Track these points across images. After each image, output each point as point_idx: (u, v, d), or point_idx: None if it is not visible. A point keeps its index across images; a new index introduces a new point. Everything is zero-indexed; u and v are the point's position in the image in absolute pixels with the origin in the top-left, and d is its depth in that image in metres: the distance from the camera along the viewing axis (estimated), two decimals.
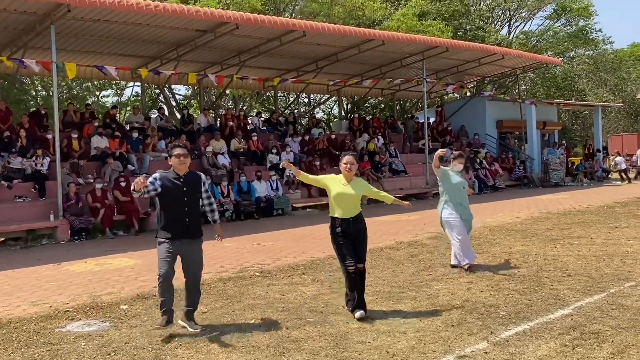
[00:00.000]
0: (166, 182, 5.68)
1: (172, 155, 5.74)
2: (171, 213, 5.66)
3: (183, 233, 5.66)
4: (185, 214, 5.66)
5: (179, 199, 5.66)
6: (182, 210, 5.66)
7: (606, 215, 13.32)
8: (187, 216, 5.66)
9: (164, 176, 5.74)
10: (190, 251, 5.73)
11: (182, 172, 5.72)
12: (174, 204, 5.66)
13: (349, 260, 5.94)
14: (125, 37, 16.05)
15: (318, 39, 17.69)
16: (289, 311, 6.33)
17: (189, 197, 5.70)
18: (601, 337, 5.02)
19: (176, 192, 5.65)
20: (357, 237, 6.06)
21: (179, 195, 5.66)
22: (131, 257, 10.43)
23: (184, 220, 5.65)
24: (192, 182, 5.77)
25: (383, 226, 12.91)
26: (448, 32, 30.86)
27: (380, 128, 23.66)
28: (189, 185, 5.73)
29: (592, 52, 42.47)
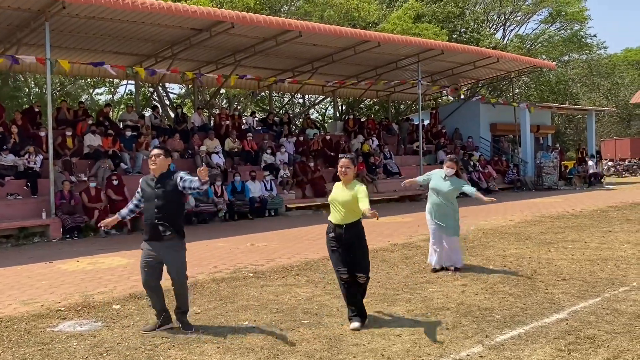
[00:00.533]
0: (144, 184, 5.73)
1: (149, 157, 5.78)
2: (145, 215, 5.69)
3: (154, 235, 5.59)
4: (154, 216, 5.57)
5: (151, 200, 5.62)
6: (152, 212, 5.59)
7: (599, 220, 13.35)
8: (156, 217, 5.55)
9: (144, 179, 5.81)
10: (167, 253, 5.63)
11: (156, 173, 5.66)
12: (147, 205, 5.66)
13: (341, 267, 5.74)
14: (121, 35, 15.96)
15: (314, 40, 17.66)
16: (283, 313, 6.29)
17: (160, 198, 5.57)
18: (596, 342, 5.01)
19: (149, 194, 5.64)
20: (350, 245, 5.74)
21: (151, 197, 5.62)
22: (123, 256, 10.35)
23: (153, 222, 5.58)
24: (165, 183, 5.62)
25: (377, 228, 12.88)
26: (443, 35, 30.93)
27: (375, 129, 23.65)
28: (161, 187, 5.60)
29: (586, 56, 42.67)
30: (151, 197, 5.61)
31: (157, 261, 5.64)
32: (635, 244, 9.89)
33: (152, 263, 5.64)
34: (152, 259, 5.63)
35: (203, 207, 14.89)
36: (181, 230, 5.71)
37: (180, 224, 5.72)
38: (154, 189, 5.62)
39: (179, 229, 5.66)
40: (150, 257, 5.62)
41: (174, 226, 5.60)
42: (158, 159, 5.65)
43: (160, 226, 5.56)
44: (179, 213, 5.77)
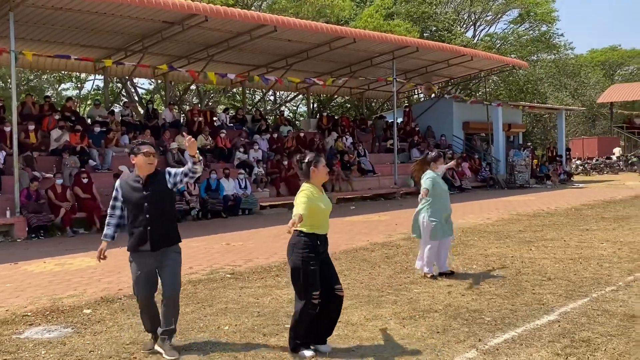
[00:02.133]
0: (126, 187, 4.95)
1: (140, 152, 4.87)
2: (134, 221, 4.91)
3: (150, 243, 4.88)
4: (146, 222, 4.86)
5: (139, 205, 4.88)
6: (143, 218, 4.86)
7: (575, 218, 13.38)
8: (148, 224, 4.85)
9: (124, 182, 5.00)
10: (162, 262, 4.95)
11: (145, 173, 4.91)
12: (136, 211, 4.90)
13: (317, 291, 4.80)
14: (89, 27, 15.44)
15: (289, 35, 17.38)
16: (265, 316, 6.02)
17: (150, 201, 4.87)
18: (592, 345, 4.86)
19: (136, 198, 4.89)
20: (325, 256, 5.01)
21: (139, 201, 4.88)
22: (93, 256, 9.80)
23: (145, 230, 4.86)
24: (155, 183, 4.91)
25: (354, 226, 12.68)
26: (415, 32, 30.95)
27: (349, 127, 23.47)
28: (150, 189, 4.89)
29: (554, 56, 43.29)
30: (139, 202, 4.87)
31: (153, 272, 4.97)
32: (614, 242, 9.88)
33: (148, 274, 4.95)
34: (147, 271, 4.93)
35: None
36: (177, 234, 5.07)
37: (175, 227, 5.08)
38: (141, 192, 4.88)
39: (175, 233, 5.04)
40: (144, 269, 4.92)
41: (169, 231, 4.98)
42: (155, 158, 4.94)
43: (154, 234, 4.87)
44: (173, 215, 5.14)
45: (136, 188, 4.90)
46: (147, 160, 4.88)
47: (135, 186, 4.91)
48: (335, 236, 11.66)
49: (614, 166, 34.02)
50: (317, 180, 4.98)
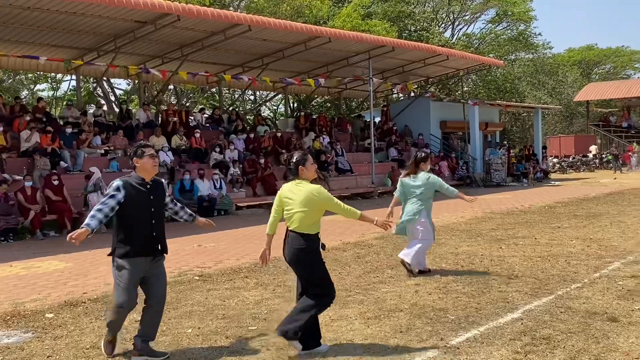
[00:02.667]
0: (131, 189, 4.74)
1: (145, 155, 4.77)
2: (135, 226, 4.74)
3: (149, 249, 4.78)
4: (152, 227, 4.78)
5: (145, 208, 4.76)
6: (148, 223, 4.76)
7: (548, 216, 13.50)
8: (153, 230, 4.79)
9: (127, 183, 4.76)
10: (155, 270, 4.86)
11: (150, 176, 4.83)
12: (140, 214, 4.75)
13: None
14: (59, 27, 15.22)
15: (264, 35, 17.30)
16: (230, 319, 5.96)
17: (155, 206, 4.83)
18: (552, 343, 4.88)
19: (142, 201, 4.75)
20: None
21: (144, 204, 4.76)
22: (62, 260, 9.80)
23: (150, 235, 4.77)
24: (158, 190, 4.91)
25: (329, 226, 12.64)
26: (393, 32, 31.03)
27: (326, 127, 23.45)
28: (156, 193, 4.85)
29: (532, 55, 43.72)
30: (145, 205, 4.76)
31: (138, 283, 4.85)
32: (584, 239, 9.97)
33: (136, 282, 4.80)
34: (138, 278, 4.79)
35: None
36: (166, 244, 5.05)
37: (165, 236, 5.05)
38: (148, 196, 4.78)
39: (166, 242, 5.03)
40: (138, 275, 4.76)
41: (165, 238, 4.98)
42: (158, 160, 4.91)
43: (158, 240, 4.83)
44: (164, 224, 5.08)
45: (142, 191, 4.76)
46: (153, 162, 4.81)
47: (141, 189, 4.77)
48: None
49: (590, 164, 34.42)
50: (307, 178, 5.05)
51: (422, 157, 7.94)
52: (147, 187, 4.80)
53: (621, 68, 55.63)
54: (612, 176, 27.51)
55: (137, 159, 4.81)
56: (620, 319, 5.47)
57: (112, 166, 15.65)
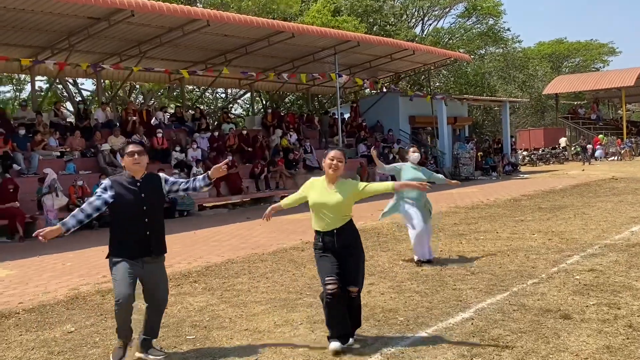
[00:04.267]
0: (119, 188, 4.60)
1: (125, 153, 4.67)
2: (127, 226, 4.60)
3: (143, 250, 4.60)
4: (145, 227, 4.59)
5: (136, 207, 4.58)
6: (140, 223, 4.58)
7: (513, 209, 13.37)
8: (147, 229, 4.60)
9: (115, 182, 4.65)
10: (153, 272, 4.69)
11: (139, 174, 4.65)
12: (131, 214, 4.59)
13: (330, 275, 4.69)
14: (9, 25, 14.66)
15: (224, 30, 16.90)
16: (169, 327, 5.62)
17: (148, 205, 4.62)
18: (501, 344, 4.64)
19: (132, 200, 4.58)
20: (342, 252, 4.78)
21: (135, 204, 4.58)
22: (6, 267, 9.34)
23: (143, 235, 4.59)
24: (152, 187, 4.68)
25: (292, 225, 12.34)
26: (362, 28, 30.80)
27: (294, 124, 23.11)
28: (148, 191, 4.64)
29: (502, 50, 43.88)
30: (136, 205, 4.57)
31: (135, 282, 4.65)
32: (546, 232, 9.82)
33: (133, 279, 4.60)
34: (133, 276, 4.59)
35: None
36: (165, 243, 4.84)
37: (164, 236, 4.83)
38: (139, 195, 4.58)
39: (164, 242, 4.81)
40: (132, 272, 4.57)
41: (163, 238, 4.76)
42: (142, 157, 4.63)
43: (152, 240, 4.62)
44: (163, 223, 4.84)
45: (132, 190, 4.59)
46: (132, 160, 4.61)
47: (130, 187, 4.60)
48: (270, 235, 11.34)
49: (559, 156, 34.63)
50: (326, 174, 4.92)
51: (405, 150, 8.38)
52: (137, 184, 4.63)
53: (590, 61, 56.21)
54: (581, 168, 27.66)
55: (122, 158, 4.93)
56: (574, 316, 5.26)
57: (69, 168, 15.13)
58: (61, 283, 7.84)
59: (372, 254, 8.69)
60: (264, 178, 18.65)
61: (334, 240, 4.77)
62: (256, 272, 7.94)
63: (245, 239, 11.11)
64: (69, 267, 8.91)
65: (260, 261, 8.75)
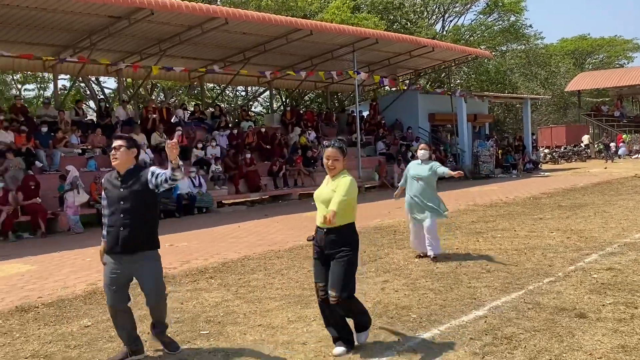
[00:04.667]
0: (107, 184, 4.68)
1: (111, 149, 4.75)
2: (108, 221, 4.60)
3: (120, 247, 4.52)
4: (119, 222, 4.52)
5: (115, 202, 4.57)
6: (118, 217, 4.54)
7: (532, 207, 13.23)
8: (121, 225, 4.51)
9: (105, 178, 4.76)
10: (138, 268, 4.60)
11: (121, 169, 4.61)
12: (112, 209, 4.58)
13: (319, 280, 4.66)
14: (32, 25, 14.87)
15: (243, 28, 16.96)
16: (183, 322, 5.68)
17: (125, 200, 4.53)
18: (514, 342, 4.61)
19: (114, 195, 4.59)
20: (330, 255, 4.58)
21: (115, 199, 4.57)
22: (27, 262, 9.50)
23: (117, 230, 4.52)
24: (133, 181, 4.58)
25: (311, 222, 12.33)
26: (382, 25, 30.65)
27: (312, 121, 23.13)
28: (128, 186, 4.56)
29: (524, 46, 43.38)
30: (115, 200, 4.57)
31: (126, 278, 4.64)
32: (564, 230, 9.70)
33: (119, 280, 4.58)
34: (119, 276, 4.57)
35: None
36: (155, 239, 4.70)
37: (154, 231, 4.72)
38: (118, 189, 4.57)
39: (152, 238, 4.67)
40: (116, 273, 4.56)
41: (145, 234, 4.60)
42: (119, 151, 4.58)
43: (128, 235, 4.51)
44: (153, 217, 4.74)
45: (115, 185, 4.63)
46: (113, 155, 4.62)
47: (114, 183, 4.64)
48: (287, 232, 11.38)
49: (581, 154, 34.16)
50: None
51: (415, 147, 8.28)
52: (119, 179, 4.62)
53: (614, 58, 55.34)
54: (603, 166, 27.26)
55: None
56: (589, 315, 5.20)
57: (90, 165, 15.34)
58: (80, 278, 7.97)
59: (387, 252, 8.69)
60: (282, 176, 18.71)
61: (323, 238, 4.61)
62: (272, 269, 7.98)
63: (263, 235, 11.16)
64: (88, 263, 9.03)
65: (277, 258, 8.79)
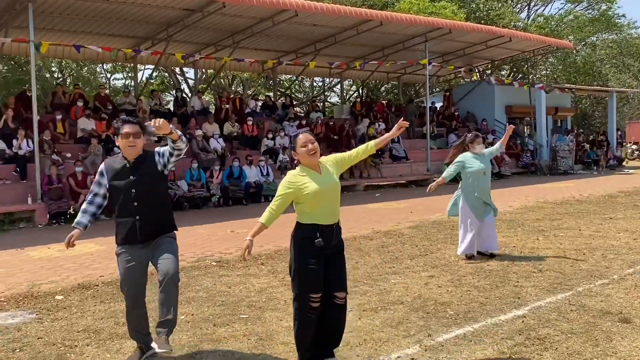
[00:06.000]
0: (112, 172, 4.39)
1: (119, 134, 4.34)
2: (120, 211, 4.40)
3: (138, 236, 4.37)
4: (134, 210, 4.34)
5: (126, 191, 4.35)
6: (131, 206, 4.34)
7: (605, 206, 12.62)
8: (137, 213, 4.34)
9: (109, 165, 4.44)
10: (159, 250, 4.42)
11: (132, 156, 4.37)
12: (122, 198, 4.37)
13: (316, 292, 4.14)
14: (113, 17, 15.65)
15: (313, 20, 17.11)
16: (226, 306, 5.91)
17: (139, 187, 4.35)
18: (546, 344, 4.49)
19: (123, 185, 4.36)
20: (335, 253, 4.25)
21: (125, 188, 4.35)
22: (97, 242, 10.09)
23: (133, 220, 4.35)
24: (145, 167, 4.38)
25: (368, 214, 12.39)
26: (461, 14, 29.91)
27: (382, 113, 23.01)
28: (139, 173, 4.36)
29: (616, 36, 41.03)
30: (126, 188, 4.34)
31: (144, 269, 4.46)
32: (633, 232, 9.23)
33: (137, 271, 4.41)
34: (137, 267, 4.40)
35: (196, 192, 14.60)
36: (172, 223, 4.57)
37: (171, 214, 4.58)
38: (128, 177, 4.35)
39: (168, 222, 4.53)
40: (133, 264, 4.38)
41: (163, 219, 4.48)
42: (137, 140, 4.33)
43: (147, 224, 4.37)
44: (167, 201, 4.62)
45: (122, 172, 4.36)
46: (127, 143, 4.32)
47: (121, 170, 4.37)
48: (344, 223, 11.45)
49: None
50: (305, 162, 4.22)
51: (469, 139, 7.87)
52: (128, 166, 4.38)
53: None
54: None
55: (116, 138, 4.44)
56: (634, 320, 4.97)
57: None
58: None
59: (440, 247, 8.61)
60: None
61: (331, 238, 4.17)
62: None
63: None
64: None
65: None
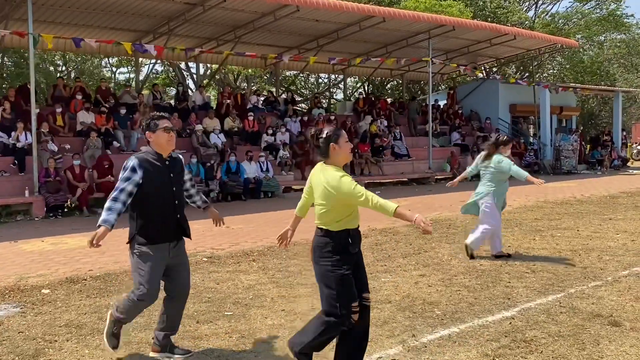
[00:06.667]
0: (148, 167, 4.17)
1: (159, 128, 4.18)
2: (157, 208, 4.22)
3: (174, 233, 4.30)
4: (175, 209, 4.29)
5: (167, 188, 4.25)
6: (171, 204, 4.26)
7: (605, 206, 12.48)
8: (178, 211, 4.30)
9: (144, 160, 4.19)
10: (180, 258, 4.38)
11: (167, 152, 4.26)
12: (161, 195, 4.22)
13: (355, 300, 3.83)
14: (114, 10, 15.58)
15: (315, 15, 16.98)
16: (212, 303, 5.83)
17: (177, 185, 4.33)
18: (532, 346, 4.40)
19: (162, 180, 4.22)
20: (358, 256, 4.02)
21: (165, 184, 4.23)
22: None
23: (174, 217, 4.28)
24: (178, 167, 4.37)
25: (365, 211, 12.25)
26: (468, 12, 29.71)
27: (385, 110, 22.88)
28: (175, 171, 4.33)
29: (624, 36, 40.70)
30: (165, 184, 4.24)
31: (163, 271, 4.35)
32: (632, 233, 9.10)
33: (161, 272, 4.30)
34: (163, 268, 4.28)
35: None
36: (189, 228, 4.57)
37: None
38: (168, 174, 4.25)
39: (189, 227, 4.52)
40: (161, 265, 4.26)
41: (187, 222, 4.44)
42: (173, 135, 4.30)
43: (183, 222, 4.34)
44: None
45: (161, 169, 4.22)
46: (168, 137, 4.21)
47: (159, 166, 4.21)
48: None
49: None
50: (339, 160, 3.91)
51: (503, 141, 7.84)
52: (166, 163, 4.25)
53: None
54: None
55: (149, 132, 4.23)
56: (624, 323, 4.87)
57: None
58: None
59: (434, 245, 8.51)
60: (350, 163, 18.65)
61: (359, 241, 4.01)
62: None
63: None
64: None
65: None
